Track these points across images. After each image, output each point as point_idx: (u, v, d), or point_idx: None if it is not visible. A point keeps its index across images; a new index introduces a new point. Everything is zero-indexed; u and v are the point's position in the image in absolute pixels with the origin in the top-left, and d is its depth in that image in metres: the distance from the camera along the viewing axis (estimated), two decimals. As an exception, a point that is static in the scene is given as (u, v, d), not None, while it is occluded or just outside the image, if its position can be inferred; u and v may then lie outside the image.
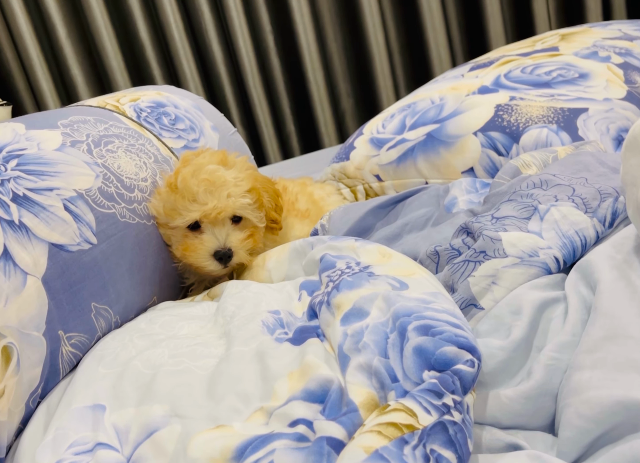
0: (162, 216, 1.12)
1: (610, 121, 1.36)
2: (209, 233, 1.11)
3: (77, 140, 1.06)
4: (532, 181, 0.96)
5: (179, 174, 1.11)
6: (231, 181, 1.11)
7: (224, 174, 1.11)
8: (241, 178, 1.13)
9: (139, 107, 1.32)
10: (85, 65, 2.56)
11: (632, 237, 0.79)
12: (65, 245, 0.91)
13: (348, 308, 0.78)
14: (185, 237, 1.12)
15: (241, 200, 1.11)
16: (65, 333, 0.89)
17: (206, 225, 1.11)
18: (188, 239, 1.11)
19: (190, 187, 1.08)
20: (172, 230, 1.13)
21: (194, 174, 1.09)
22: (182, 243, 1.12)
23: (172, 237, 1.14)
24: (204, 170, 1.10)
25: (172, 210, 1.10)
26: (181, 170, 1.12)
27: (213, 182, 1.09)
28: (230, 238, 1.11)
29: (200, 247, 1.10)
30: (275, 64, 2.69)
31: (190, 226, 1.11)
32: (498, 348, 0.74)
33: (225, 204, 1.09)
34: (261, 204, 1.16)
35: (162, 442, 0.69)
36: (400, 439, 0.58)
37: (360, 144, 1.60)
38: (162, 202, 1.11)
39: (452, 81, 1.64)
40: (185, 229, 1.12)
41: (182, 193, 1.09)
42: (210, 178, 1.09)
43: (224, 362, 0.78)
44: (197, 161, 1.13)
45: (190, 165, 1.12)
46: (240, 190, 1.12)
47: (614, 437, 0.63)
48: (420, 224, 1.12)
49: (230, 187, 1.10)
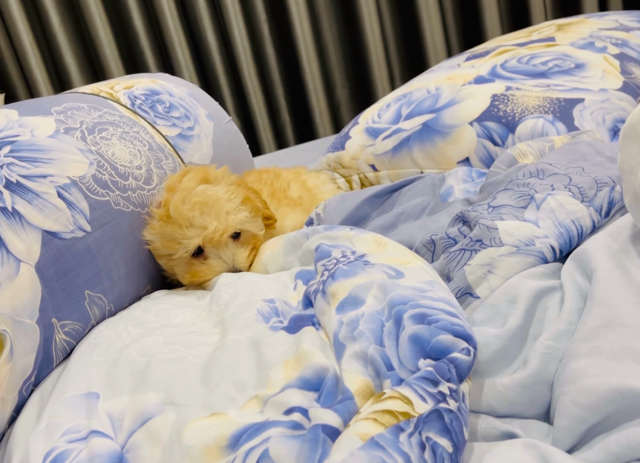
0: (161, 249, 1.08)
1: (606, 112, 1.35)
2: (214, 258, 1.07)
3: (70, 127, 1.05)
4: (528, 170, 0.96)
5: (168, 204, 1.06)
6: (224, 197, 1.07)
7: (215, 191, 1.07)
8: (232, 191, 1.09)
9: (134, 94, 1.31)
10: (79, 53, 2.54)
11: (628, 226, 0.79)
12: (59, 233, 0.91)
13: (344, 296, 0.78)
14: (191, 265, 1.08)
15: (239, 215, 1.07)
16: (58, 321, 0.88)
17: (209, 249, 1.07)
18: (194, 266, 1.07)
19: (184, 213, 1.04)
20: (173, 261, 1.09)
21: (185, 199, 1.05)
22: (188, 272, 1.08)
23: (176, 268, 1.10)
24: (193, 193, 1.05)
25: (170, 242, 1.06)
26: (170, 199, 1.07)
27: (206, 203, 1.04)
28: (236, 257, 1.07)
29: (209, 272, 1.06)
30: (270, 53, 2.68)
31: (194, 253, 1.07)
32: (494, 336, 0.73)
33: (226, 223, 1.05)
34: (256, 210, 1.13)
35: (157, 430, 0.69)
36: (396, 427, 0.58)
37: (355, 134, 1.60)
38: (158, 236, 1.07)
39: (448, 71, 1.63)
40: (188, 257, 1.08)
41: (177, 221, 1.04)
42: (202, 199, 1.04)
43: (218, 350, 0.78)
44: (184, 186, 1.08)
45: (177, 191, 1.07)
46: (235, 204, 1.08)
47: (610, 425, 0.63)
48: (415, 213, 1.11)
49: (225, 203, 1.06)
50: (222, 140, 1.42)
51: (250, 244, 1.11)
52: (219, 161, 1.38)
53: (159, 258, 1.11)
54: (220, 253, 1.07)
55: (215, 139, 1.40)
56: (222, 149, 1.41)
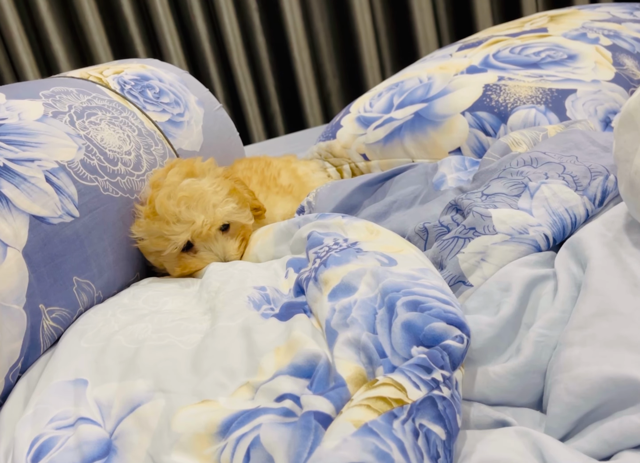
0: (150, 247, 1.06)
1: (598, 103, 1.35)
2: (205, 251, 1.05)
3: (59, 111, 1.04)
4: (522, 159, 0.95)
5: (154, 200, 1.04)
6: (209, 190, 1.05)
7: (200, 185, 1.05)
8: (217, 183, 1.08)
9: (123, 79, 1.29)
10: (67, 40, 2.51)
11: (622, 215, 0.78)
12: (47, 218, 0.89)
13: (336, 283, 0.77)
14: (181, 258, 1.06)
15: (226, 207, 1.06)
16: (46, 307, 0.87)
17: (199, 243, 1.06)
18: (184, 260, 1.06)
19: (171, 209, 1.02)
20: (163, 257, 1.07)
21: (170, 194, 1.03)
22: (178, 265, 1.06)
23: (165, 263, 1.08)
24: (178, 188, 1.04)
25: (158, 239, 1.04)
26: (155, 195, 1.05)
27: (192, 197, 1.03)
28: (227, 250, 1.06)
29: (200, 264, 1.05)
30: (261, 42, 2.66)
31: (183, 248, 1.05)
32: (487, 324, 0.73)
33: (213, 216, 1.04)
34: (244, 201, 1.12)
35: (146, 417, 0.68)
36: (389, 413, 0.58)
37: (347, 123, 1.59)
38: (145, 233, 1.05)
39: (440, 60, 1.62)
40: (177, 252, 1.06)
41: (164, 218, 1.03)
42: (188, 194, 1.03)
43: (209, 337, 0.77)
44: (168, 181, 1.06)
45: (162, 187, 1.05)
46: (221, 196, 1.06)
47: (603, 413, 0.62)
48: (408, 201, 1.11)
49: (211, 196, 1.05)
50: (213, 127, 1.41)
51: (240, 235, 1.10)
52: (209, 148, 1.37)
53: (147, 255, 1.09)
54: (211, 246, 1.06)
55: (205, 126, 1.38)
56: (212, 135, 1.39)
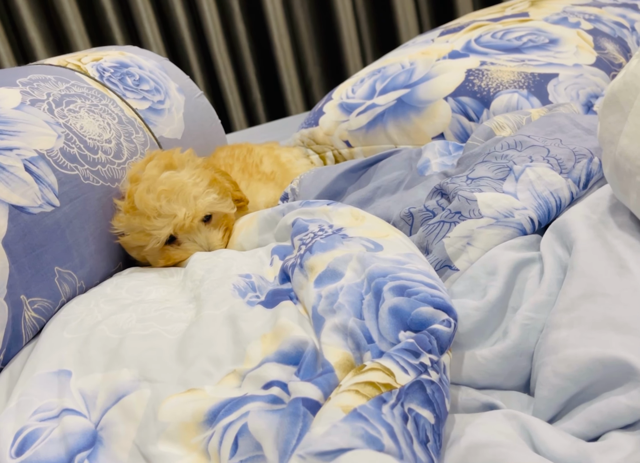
0: (132, 242, 1.05)
1: (580, 87, 1.35)
2: (189, 242, 1.04)
3: (37, 99, 1.02)
4: (506, 142, 0.95)
5: (133, 195, 1.02)
6: (189, 182, 1.03)
7: (179, 177, 1.03)
8: (197, 174, 1.06)
9: (102, 66, 1.27)
10: (44, 28, 2.47)
11: (607, 197, 0.78)
12: (27, 207, 0.88)
13: (322, 270, 0.76)
14: (164, 250, 1.05)
15: (207, 198, 1.04)
16: (27, 298, 0.85)
17: (182, 235, 1.04)
18: (168, 252, 1.05)
19: (151, 204, 1.00)
20: (146, 252, 1.05)
21: (149, 188, 1.01)
22: (162, 257, 1.05)
23: (149, 257, 1.07)
24: (157, 181, 1.02)
25: (140, 234, 1.03)
26: (134, 190, 1.03)
27: (172, 190, 1.01)
28: (210, 240, 1.05)
29: (185, 256, 1.04)
30: (241, 29, 2.64)
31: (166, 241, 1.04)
32: (473, 308, 0.73)
33: (194, 207, 1.02)
34: (225, 191, 1.10)
35: (132, 407, 0.67)
36: (378, 398, 0.57)
37: (329, 109, 1.58)
38: (126, 229, 1.04)
39: (422, 46, 1.61)
40: (161, 246, 1.04)
41: (144, 213, 1.01)
42: (167, 187, 1.01)
43: (194, 326, 0.76)
44: (147, 174, 1.04)
45: (141, 181, 1.03)
46: (202, 187, 1.05)
47: (591, 394, 0.62)
48: (392, 187, 1.10)
49: (191, 188, 1.03)
50: (194, 115, 1.39)
51: (223, 225, 1.09)
52: (190, 136, 1.36)
53: (130, 250, 1.08)
54: (194, 238, 1.04)
55: (186, 113, 1.37)
56: (193, 123, 1.38)
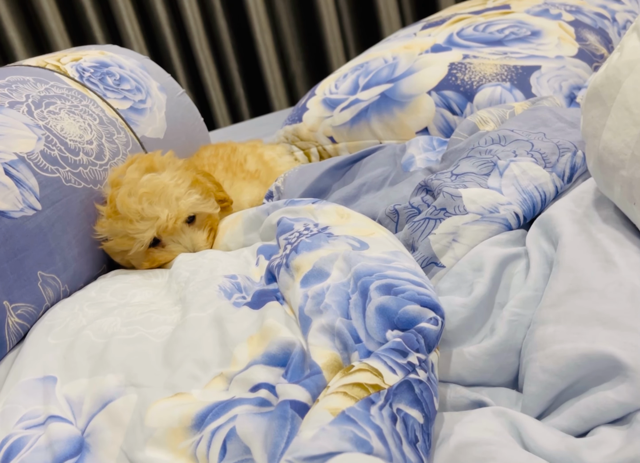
0: (115, 247, 1.03)
1: (562, 79, 1.35)
2: (173, 244, 1.03)
3: (16, 101, 1.00)
4: (490, 137, 0.95)
5: (114, 199, 1.01)
6: (171, 183, 1.02)
7: (160, 179, 1.03)
8: (178, 176, 1.05)
9: (82, 67, 1.26)
10: (22, 27, 2.43)
11: (591, 191, 0.78)
12: (8, 212, 0.86)
13: (308, 269, 0.76)
14: (149, 253, 1.04)
15: (190, 199, 1.03)
16: (10, 304, 0.84)
17: (166, 237, 1.03)
18: (152, 254, 1.04)
19: (133, 207, 0.99)
20: (130, 256, 1.04)
21: (131, 192, 1.00)
22: (147, 260, 1.04)
23: (133, 261, 1.06)
24: (138, 184, 1.01)
25: (123, 238, 1.02)
26: (115, 194, 1.02)
27: (153, 192, 1.00)
28: (195, 241, 1.04)
29: (170, 257, 1.03)
30: (223, 25, 2.62)
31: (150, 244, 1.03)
32: (460, 305, 0.73)
33: (177, 209, 1.01)
34: (208, 191, 1.10)
35: (118, 412, 0.67)
36: (366, 399, 0.57)
37: (313, 105, 1.57)
38: (109, 234, 1.03)
39: (404, 40, 1.61)
40: (145, 249, 1.03)
41: (127, 217, 1.00)
42: (149, 189, 1.00)
43: (180, 329, 0.75)
44: (128, 178, 1.03)
45: (122, 185, 1.02)
46: (184, 188, 1.04)
47: (579, 390, 0.62)
48: (377, 183, 1.10)
49: (173, 189, 1.02)
50: (176, 113, 1.38)
51: (208, 225, 1.08)
52: (173, 135, 1.34)
53: (114, 256, 1.07)
54: (178, 239, 1.03)
55: (168, 112, 1.35)
56: (176, 122, 1.37)
